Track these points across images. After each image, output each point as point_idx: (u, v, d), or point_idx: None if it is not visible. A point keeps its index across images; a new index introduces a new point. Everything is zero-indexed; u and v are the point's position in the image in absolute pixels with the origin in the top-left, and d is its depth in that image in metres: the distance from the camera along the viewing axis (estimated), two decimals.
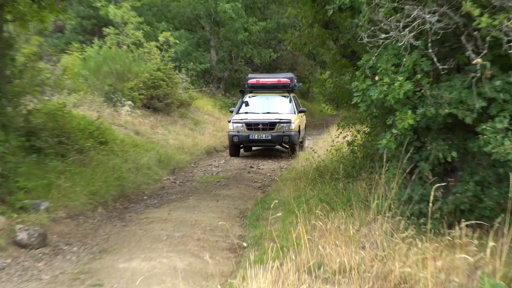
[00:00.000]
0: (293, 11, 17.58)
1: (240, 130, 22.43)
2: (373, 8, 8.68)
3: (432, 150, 8.79)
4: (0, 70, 13.66)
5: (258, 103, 25.17)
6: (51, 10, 16.14)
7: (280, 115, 23.44)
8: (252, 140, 22.67)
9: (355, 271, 7.05)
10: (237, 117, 23.29)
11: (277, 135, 22.13)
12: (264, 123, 22.62)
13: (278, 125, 22.30)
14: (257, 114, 23.97)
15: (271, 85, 25.19)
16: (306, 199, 11.36)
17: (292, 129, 22.26)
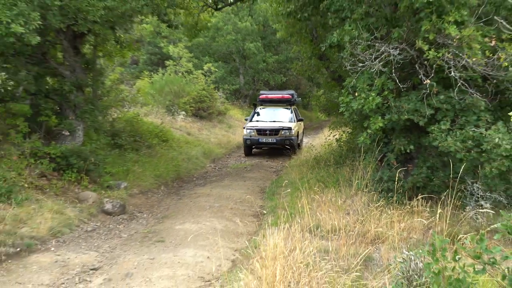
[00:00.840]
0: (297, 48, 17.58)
1: (252, 135, 20.54)
2: (353, 45, 8.70)
3: (396, 145, 8.81)
4: (94, 90, 13.71)
5: (267, 114, 22.84)
6: (129, 49, 16.30)
7: (283, 123, 21.31)
8: (261, 142, 20.70)
9: (342, 231, 7.02)
10: (249, 125, 21.14)
11: (280, 139, 20.40)
12: (270, 130, 20.65)
13: (281, 131, 20.41)
14: (265, 122, 21.74)
15: (277, 99, 23.05)
16: (307, 180, 11.33)
17: (292, 134, 20.36)
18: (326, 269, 5.55)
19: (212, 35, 31.46)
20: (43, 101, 11.77)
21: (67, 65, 12.11)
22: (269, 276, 5.12)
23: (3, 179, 9.26)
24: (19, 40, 9.50)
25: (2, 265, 7.54)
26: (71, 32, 11.69)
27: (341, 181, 10.05)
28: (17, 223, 8.66)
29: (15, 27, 8.81)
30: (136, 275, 7.13)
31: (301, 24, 13.68)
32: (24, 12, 9.02)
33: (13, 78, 11.56)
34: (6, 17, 8.79)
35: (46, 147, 11.01)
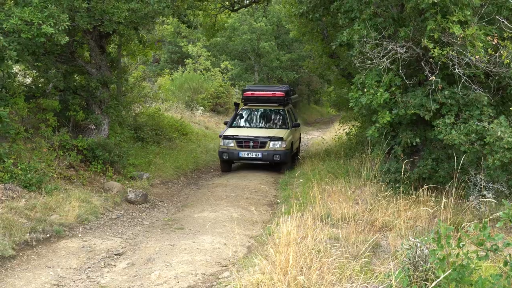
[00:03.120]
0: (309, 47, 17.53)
1: (230, 147, 14.77)
2: (362, 44, 8.64)
3: (403, 138, 8.77)
4: (118, 87, 13.78)
5: (252, 117, 16.93)
6: (151, 48, 16.42)
7: (272, 131, 15.39)
8: (242, 158, 14.80)
9: (352, 219, 6.99)
10: (228, 133, 15.26)
11: (268, 153, 14.46)
12: (255, 140, 14.76)
13: (269, 142, 14.57)
14: (249, 130, 15.91)
15: (266, 98, 16.60)
16: (318, 171, 11.30)
17: (283, 147, 14.59)
18: (336, 255, 5.54)
19: (229, 35, 31.42)
20: (71, 97, 11.84)
21: (93, 63, 12.15)
22: (282, 262, 5.11)
23: (34, 169, 9.33)
24: (49, 40, 9.55)
25: (33, 250, 7.60)
26: (97, 32, 11.72)
27: (350, 172, 10.01)
28: (47, 211, 8.73)
29: (46, 28, 8.85)
30: (157, 260, 7.16)
31: (312, 24, 13.64)
32: (54, 14, 9.06)
33: (44, 76, 11.63)
34: (37, 18, 8.84)
35: (74, 140, 11.08)
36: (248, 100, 16.69)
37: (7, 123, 9.01)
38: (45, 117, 10.94)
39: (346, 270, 5.18)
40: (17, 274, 6.68)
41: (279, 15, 31.38)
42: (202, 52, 29.70)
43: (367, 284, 4.88)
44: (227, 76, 29.53)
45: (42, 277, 6.61)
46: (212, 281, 6.37)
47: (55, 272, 6.82)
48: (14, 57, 8.96)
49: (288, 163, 14.67)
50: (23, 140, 9.94)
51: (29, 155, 9.77)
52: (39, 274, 6.70)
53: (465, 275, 4.07)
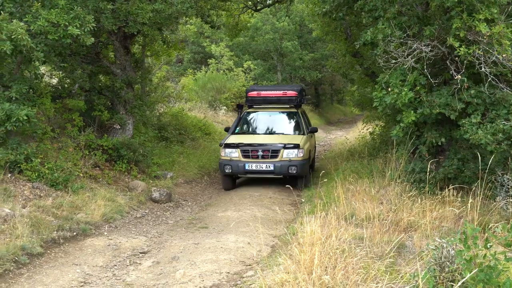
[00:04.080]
0: (332, 46, 17.42)
1: (234, 158, 12.13)
2: (386, 43, 8.58)
3: (428, 137, 8.69)
4: (142, 87, 13.90)
5: (259, 121, 14.10)
6: (175, 48, 16.52)
7: (286, 138, 12.82)
8: (249, 171, 12.14)
9: (376, 219, 6.94)
10: (231, 140, 12.66)
11: (281, 164, 11.85)
12: (264, 149, 12.14)
13: (282, 151, 12.01)
14: (256, 136, 13.33)
15: (275, 98, 14.00)
16: (342, 171, 11.25)
17: (300, 157, 11.98)
18: (361, 255, 5.51)
19: (252, 34, 31.42)
20: (96, 97, 11.98)
21: (118, 64, 12.28)
22: (307, 261, 5.11)
23: (61, 169, 9.47)
24: (75, 41, 9.69)
25: (61, 247, 7.72)
26: (122, 33, 11.84)
27: (374, 172, 9.94)
28: (74, 209, 8.86)
29: (72, 29, 8.98)
30: (182, 259, 7.21)
31: (336, 23, 13.57)
32: (80, 16, 9.19)
33: (70, 76, 11.81)
34: (64, 20, 8.97)
35: (99, 140, 11.22)
36: (253, 101, 14.00)
37: (35, 123, 9.17)
38: (71, 117, 11.10)
39: (371, 270, 5.16)
40: (45, 271, 6.79)
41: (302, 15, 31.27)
42: (225, 52, 29.79)
43: (393, 284, 4.85)
44: (250, 76, 29.55)
45: (69, 275, 6.71)
46: (237, 280, 6.39)
47: (82, 269, 6.91)
48: (41, 58, 9.12)
49: (306, 176, 12.12)
50: (50, 139, 10.10)
51: (56, 155, 9.92)
52: (67, 272, 6.81)
53: (493, 276, 4.03)
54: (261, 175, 12.12)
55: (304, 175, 11.99)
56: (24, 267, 6.84)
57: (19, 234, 7.28)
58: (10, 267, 6.68)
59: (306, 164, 12.19)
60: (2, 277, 6.45)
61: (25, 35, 8.43)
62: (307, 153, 12.34)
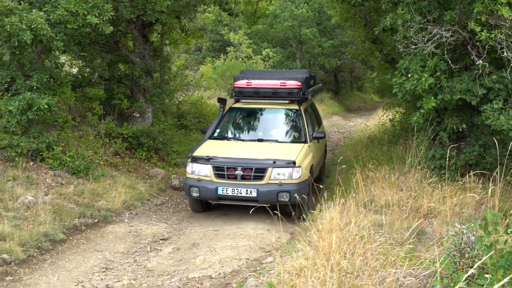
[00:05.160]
0: (351, 33, 17.25)
1: (203, 178, 8.82)
2: (406, 29, 8.49)
3: (448, 123, 8.62)
4: (161, 76, 13.97)
5: (246, 123, 10.64)
6: (193, 37, 16.55)
7: (278, 150, 9.31)
8: (222, 196, 8.73)
9: (396, 206, 6.93)
10: (201, 151, 9.23)
11: (268, 190, 8.54)
12: (245, 167, 8.79)
13: (270, 170, 8.66)
14: (238, 145, 9.85)
15: (270, 90, 10.25)
16: (361, 158, 11.23)
17: (296, 178, 8.70)
18: (380, 242, 5.52)
19: (270, 22, 31.27)
20: (116, 86, 12.08)
21: (137, 52, 12.35)
22: (325, 247, 5.13)
23: (81, 157, 9.60)
24: (94, 30, 9.76)
25: (82, 234, 7.85)
26: (140, 22, 11.90)
27: (394, 159, 9.90)
28: (95, 197, 8.98)
29: (91, 18, 9.04)
30: (202, 245, 7.29)
31: (355, 9, 13.47)
32: (99, 4, 9.24)
33: (89, 65, 11.91)
34: (82, 9, 9.03)
35: (119, 128, 11.32)
36: (241, 93, 10.39)
37: (55, 112, 9.29)
38: (91, 106, 11.21)
39: (390, 256, 5.16)
40: (68, 257, 6.92)
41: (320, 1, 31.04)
42: (244, 40, 29.75)
43: (412, 270, 4.85)
44: (269, 63, 29.47)
45: (91, 260, 6.83)
46: (256, 266, 6.45)
47: (103, 255, 7.03)
48: (61, 47, 9.20)
49: (304, 205, 7.71)
50: (70, 128, 10.23)
51: (77, 143, 10.05)
52: (89, 258, 6.93)
53: None
54: (240, 202, 8.68)
55: (303, 203, 7.63)
56: (47, 253, 6.98)
57: (42, 221, 7.43)
58: (34, 253, 6.83)
59: (304, 187, 8.68)
60: (26, 262, 6.59)
61: (44, 24, 8.51)
62: (306, 171, 8.90)
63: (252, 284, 5.71)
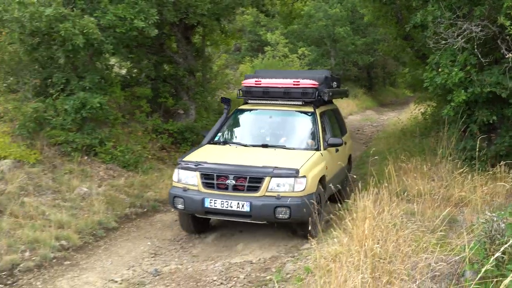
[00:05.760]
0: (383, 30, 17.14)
1: (190, 187, 6.91)
2: (436, 25, 8.35)
3: (479, 116, 8.45)
4: (203, 75, 14.09)
5: (252, 126, 8.78)
6: (233, 37, 16.64)
7: (282, 156, 7.33)
8: (209, 210, 6.76)
9: (427, 195, 6.84)
10: (193, 156, 7.39)
11: (263, 203, 6.55)
12: (238, 175, 6.77)
13: (268, 180, 6.65)
14: (238, 151, 7.73)
15: (282, 90, 8.33)
16: (394, 149, 11.09)
17: (299, 191, 6.66)
18: (412, 229, 5.45)
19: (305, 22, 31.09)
20: (161, 85, 12.27)
21: (180, 53, 12.51)
22: (359, 234, 5.11)
23: (131, 151, 9.80)
24: (141, 34, 9.92)
25: (133, 222, 8.04)
26: (183, 24, 12.04)
27: (426, 150, 9.75)
28: (144, 188, 9.16)
29: (137, 23, 9.21)
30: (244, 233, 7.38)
31: (386, 7, 13.29)
32: (144, 9, 9.40)
33: (137, 66, 12.14)
34: (130, 14, 9.20)
35: (165, 124, 11.51)
36: (249, 93, 8.66)
37: (107, 110, 9.50)
38: (139, 104, 11.42)
39: (422, 243, 5.11)
40: (120, 244, 7.10)
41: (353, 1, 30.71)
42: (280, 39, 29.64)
43: (443, 256, 4.79)
44: (305, 61, 29.31)
45: (141, 247, 6.98)
46: (294, 252, 6.48)
47: (152, 242, 7.18)
48: (111, 50, 9.40)
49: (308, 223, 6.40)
50: (120, 125, 10.44)
51: (126, 138, 10.25)
52: (139, 244, 7.09)
53: None
54: (231, 218, 6.92)
55: (306, 219, 6.53)
56: (101, 240, 7.19)
57: (96, 210, 7.64)
58: (89, 240, 7.05)
59: (305, 203, 6.56)
60: (82, 248, 6.81)
61: (95, 29, 8.71)
62: (314, 183, 6.98)
63: (290, 268, 5.75)
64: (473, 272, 4.21)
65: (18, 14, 8.43)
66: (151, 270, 6.22)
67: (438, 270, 4.53)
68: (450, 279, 4.45)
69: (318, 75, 8.85)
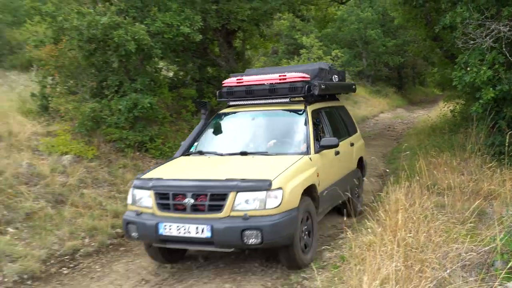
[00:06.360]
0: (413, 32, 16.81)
1: (144, 209, 5.20)
2: (464, 25, 8.13)
3: (507, 112, 8.23)
4: None
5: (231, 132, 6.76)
6: (270, 41, 16.61)
7: (253, 167, 5.45)
8: (164, 238, 4.99)
9: (457, 188, 6.69)
10: (153, 173, 5.61)
11: (226, 227, 4.74)
12: (198, 193, 4.95)
13: (233, 196, 4.83)
14: (207, 161, 5.97)
15: (266, 88, 6.37)
16: (424, 145, 10.88)
17: (272, 207, 4.80)
18: (443, 220, 5.34)
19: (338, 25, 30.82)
20: (205, 86, 12.36)
21: (222, 57, 12.57)
22: (392, 225, 5.04)
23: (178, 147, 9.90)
24: (186, 39, 10.03)
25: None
26: (225, 30, 12.10)
27: (455, 146, 9.51)
28: None
29: (183, 29, 9.31)
30: None
31: (416, 10, 13.03)
32: (190, 16, 9.49)
33: (183, 69, 12.27)
34: (176, 21, 9.31)
35: None
36: (231, 94, 6.77)
37: (156, 110, 9.63)
38: (185, 104, 11.53)
39: (452, 234, 4.99)
40: None
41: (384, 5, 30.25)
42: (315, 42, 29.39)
43: (473, 246, 4.67)
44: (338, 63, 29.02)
45: None
46: (330, 242, 6.44)
47: None
48: (159, 54, 9.54)
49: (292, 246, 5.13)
50: (168, 123, 10.58)
51: (174, 136, 10.37)
52: None
53: None
54: (190, 247, 5.33)
55: (287, 243, 5.07)
56: None
57: None
58: None
59: (289, 222, 4.97)
60: None
61: (145, 35, 8.85)
62: (295, 197, 5.16)
63: (327, 256, 5.72)
64: (503, 262, 4.10)
65: (77, 23, 8.65)
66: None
67: (468, 259, 4.42)
68: (480, 268, 4.35)
69: (311, 67, 7.04)
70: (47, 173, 7.52)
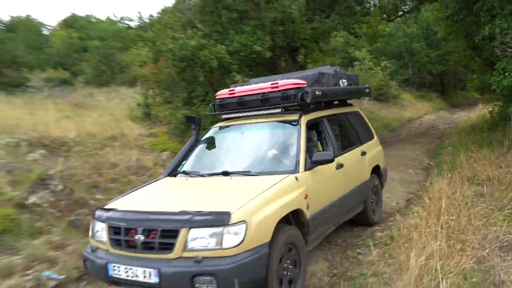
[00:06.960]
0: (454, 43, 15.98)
1: (100, 245, 3.65)
2: (503, 35, 7.67)
3: None
4: None
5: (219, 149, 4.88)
6: (328, 55, 16.49)
7: (220, 193, 3.82)
8: (114, 280, 3.39)
9: (495, 180, 6.32)
10: (123, 200, 3.98)
11: (174, 271, 3.12)
12: (149, 228, 3.32)
13: (185, 232, 3.19)
14: (180, 184, 4.31)
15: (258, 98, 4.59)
16: (465, 142, 10.33)
17: (231, 246, 3.12)
18: (482, 207, 5.10)
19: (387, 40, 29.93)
20: None
21: (288, 70, 12.59)
22: (436, 210, 4.87)
23: None
24: (258, 56, 10.15)
25: None
26: (289, 47, 12.12)
27: (494, 142, 8.97)
28: None
29: (256, 47, 9.45)
30: None
31: (457, 24, 12.42)
32: (261, 37, 9.62)
33: None
34: (250, 41, 9.48)
35: None
36: (224, 107, 5.07)
37: None
38: None
39: (491, 219, 4.75)
40: None
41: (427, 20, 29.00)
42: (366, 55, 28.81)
43: (511, 229, 4.42)
44: (386, 72, 28.27)
45: None
46: (380, 224, 6.31)
47: None
48: (236, 69, 9.73)
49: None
50: None
51: None
52: None
53: None
54: None
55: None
56: None
57: None
58: None
59: (255, 265, 3.29)
60: None
61: (225, 54, 9.06)
62: (265, 229, 3.44)
63: (379, 235, 5.62)
64: None
65: (171, 46, 9.01)
66: None
67: (506, 241, 4.20)
68: None
69: (311, 73, 5.49)
70: (150, 165, 7.89)
